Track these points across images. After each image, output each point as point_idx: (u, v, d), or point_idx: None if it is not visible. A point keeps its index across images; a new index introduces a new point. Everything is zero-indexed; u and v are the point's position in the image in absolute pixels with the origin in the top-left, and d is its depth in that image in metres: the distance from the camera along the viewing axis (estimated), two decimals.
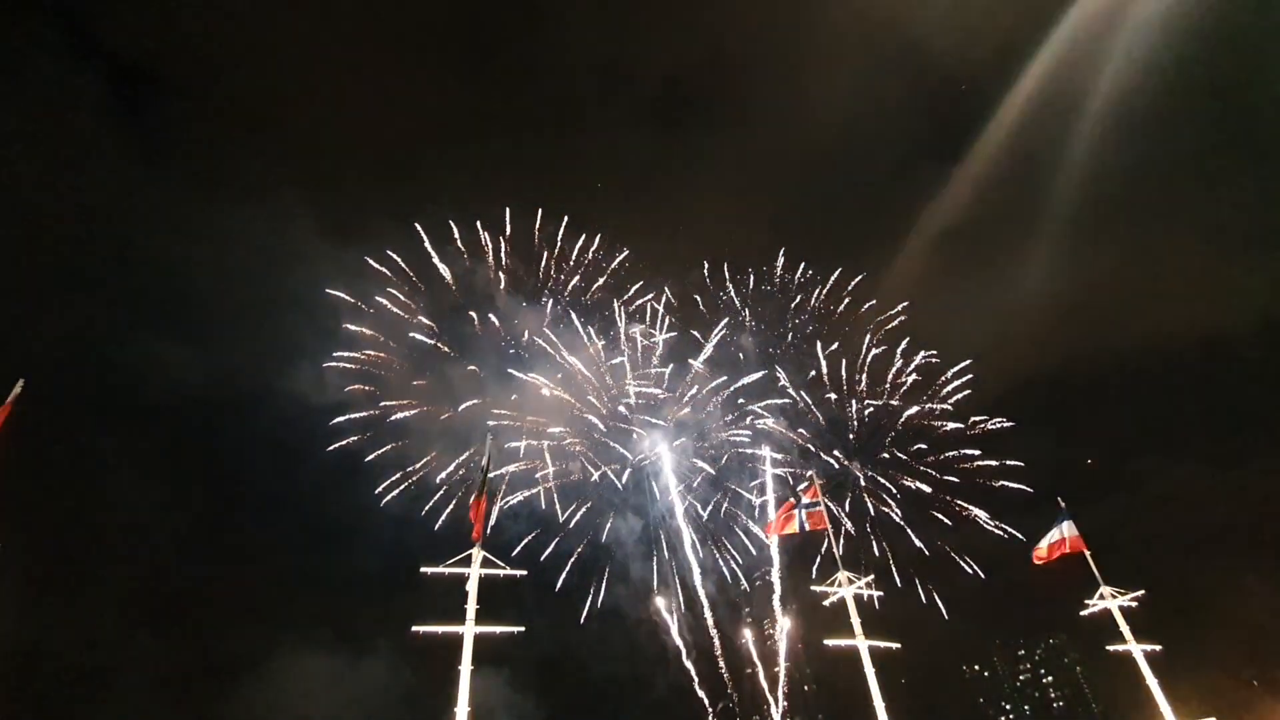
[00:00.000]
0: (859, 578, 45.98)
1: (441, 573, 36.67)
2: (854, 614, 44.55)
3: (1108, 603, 48.74)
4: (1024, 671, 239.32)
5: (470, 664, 33.78)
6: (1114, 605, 48.50)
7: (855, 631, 43.80)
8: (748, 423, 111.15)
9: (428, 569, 36.56)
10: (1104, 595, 49.00)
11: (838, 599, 45.70)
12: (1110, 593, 48.92)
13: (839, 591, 45.76)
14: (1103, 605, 48.94)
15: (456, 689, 32.82)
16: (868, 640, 43.52)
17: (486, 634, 35.39)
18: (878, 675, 42.25)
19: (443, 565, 36.65)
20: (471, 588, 35.94)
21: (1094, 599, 49.40)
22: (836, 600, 45.80)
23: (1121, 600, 48.55)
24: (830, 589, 46.15)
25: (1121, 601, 48.52)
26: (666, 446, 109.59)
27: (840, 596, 45.40)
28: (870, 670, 42.67)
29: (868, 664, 42.85)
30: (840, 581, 45.75)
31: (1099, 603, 49.13)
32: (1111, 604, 48.61)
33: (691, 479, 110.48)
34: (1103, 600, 48.98)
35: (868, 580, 45.65)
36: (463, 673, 33.38)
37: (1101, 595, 49.06)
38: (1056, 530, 50.63)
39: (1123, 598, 48.65)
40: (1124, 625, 47.88)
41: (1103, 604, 48.92)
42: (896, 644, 45.80)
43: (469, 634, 34.57)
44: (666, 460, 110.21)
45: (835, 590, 45.84)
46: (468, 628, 34.78)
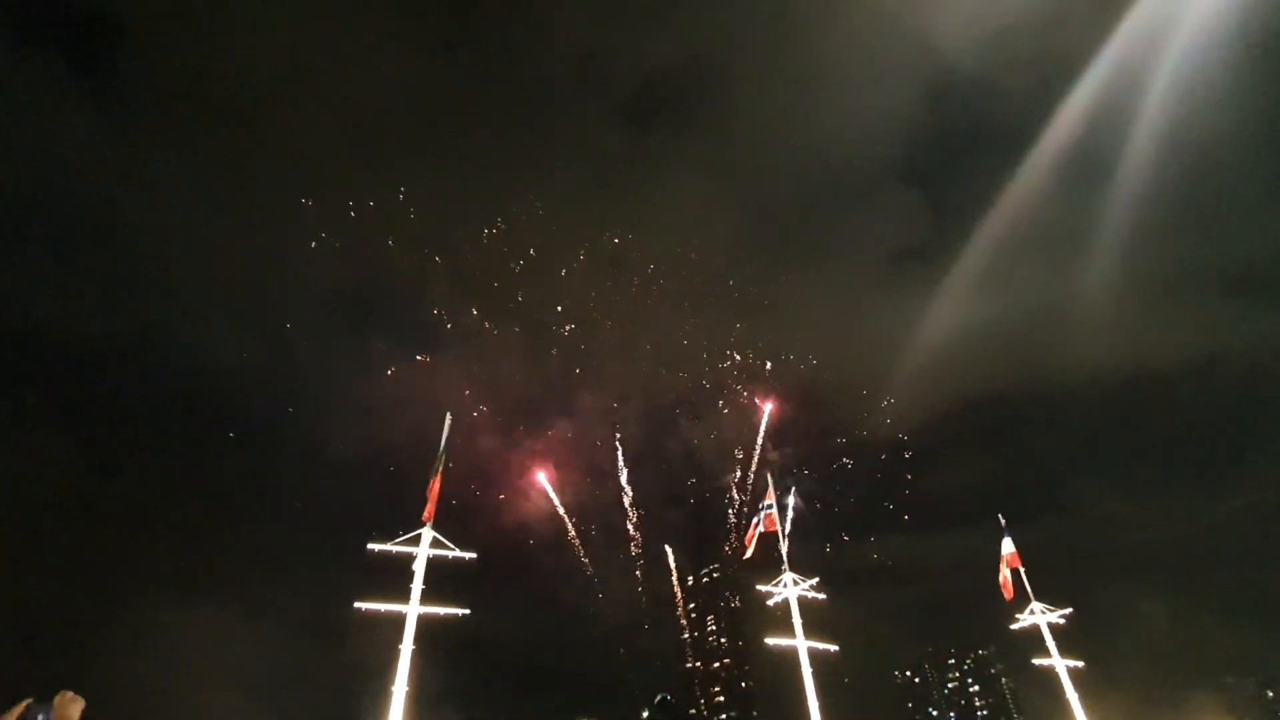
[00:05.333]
0: (804, 580, 46.83)
1: (389, 550, 36.07)
2: (796, 615, 45.41)
3: (1037, 618, 50.54)
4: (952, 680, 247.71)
5: (412, 644, 33.37)
6: (1043, 621, 50.33)
7: (796, 632, 44.64)
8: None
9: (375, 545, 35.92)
10: (1034, 611, 50.79)
11: (782, 599, 46.51)
12: (1040, 609, 50.73)
13: (783, 592, 46.56)
14: (1032, 620, 50.74)
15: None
16: (808, 641, 44.44)
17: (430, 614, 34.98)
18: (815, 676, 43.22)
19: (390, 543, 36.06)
20: (419, 567, 35.41)
21: (1025, 614, 51.18)
22: (781, 600, 46.61)
23: (1050, 616, 50.41)
24: (775, 589, 46.93)
25: (1050, 617, 50.37)
26: None
27: (785, 597, 46.21)
28: (807, 670, 43.61)
29: (805, 664, 43.78)
30: (786, 582, 46.54)
31: (1029, 618, 50.91)
32: (1040, 619, 50.44)
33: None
34: (1033, 616, 50.77)
35: (812, 583, 46.52)
36: (403, 652, 32.92)
37: (1032, 611, 50.84)
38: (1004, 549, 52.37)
39: (1052, 614, 50.51)
40: (1050, 641, 49.74)
41: (1032, 619, 50.71)
42: (835, 646, 46.85)
43: (412, 613, 34.10)
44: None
45: (780, 590, 46.63)
46: (411, 607, 34.31)
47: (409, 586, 35.33)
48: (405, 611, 34.25)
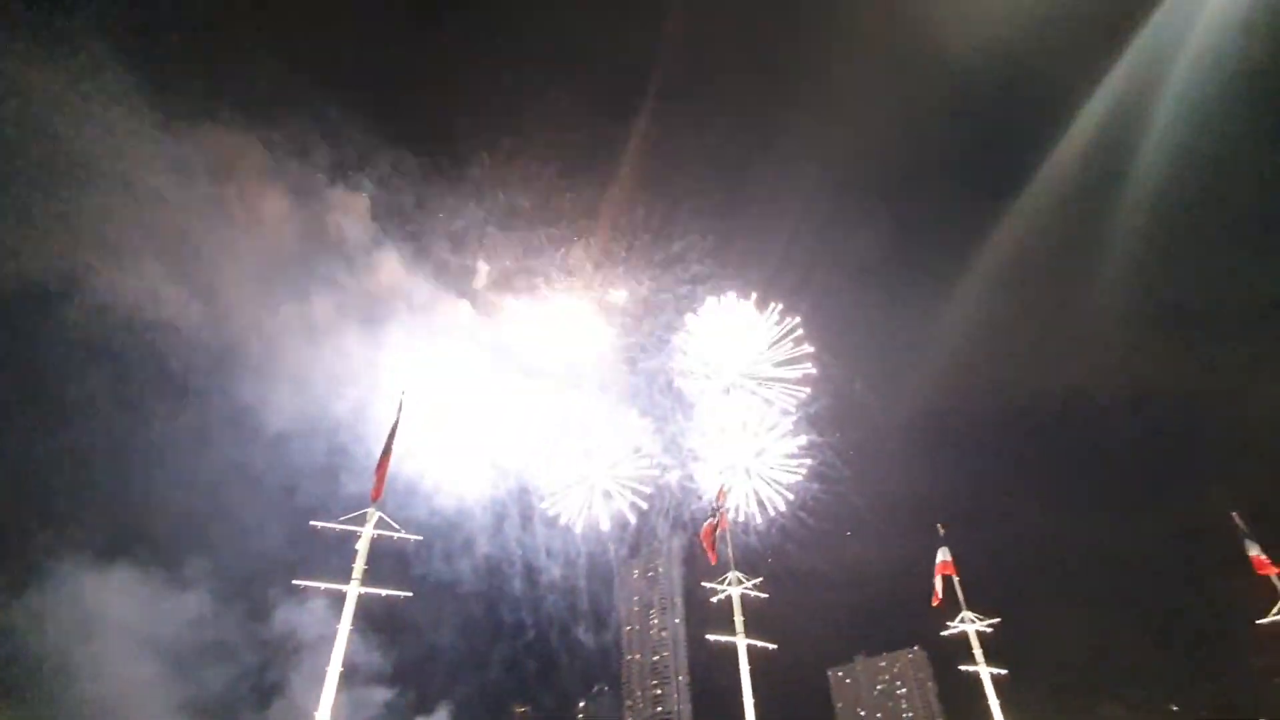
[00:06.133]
0: (748, 578, 47.68)
1: (332, 528, 35.34)
2: (738, 612, 46.22)
3: (967, 626, 52.55)
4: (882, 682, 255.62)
5: (350, 623, 32.76)
6: (971, 629, 52.37)
7: (737, 629, 45.44)
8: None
9: (318, 523, 35.14)
10: (965, 619, 52.78)
11: (725, 596, 47.28)
12: (971, 617, 52.76)
13: (727, 590, 47.33)
14: (962, 628, 52.73)
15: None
16: (747, 639, 45.28)
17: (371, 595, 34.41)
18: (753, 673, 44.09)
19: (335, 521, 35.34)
20: (362, 547, 34.77)
21: (956, 621, 53.15)
22: (724, 597, 47.37)
23: (979, 625, 52.48)
24: (719, 586, 47.66)
25: (979, 626, 52.44)
26: None
27: (728, 594, 46.98)
28: (745, 666, 44.44)
29: (744, 660, 44.60)
30: (730, 580, 47.30)
31: (959, 625, 52.91)
32: (969, 627, 52.48)
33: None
34: (963, 623, 52.76)
35: (756, 581, 47.40)
36: (340, 631, 32.30)
37: (963, 619, 52.83)
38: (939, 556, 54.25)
39: (980, 623, 52.60)
40: (977, 648, 51.79)
41: (962, 626, 52.71)
42: (774, 645, 47.83)
43: (353, 593, 33.47)
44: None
45: (724, 588, 47.37)
46: (352, 587, 33.68)
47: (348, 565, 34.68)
48: (345, 591, 33.63)
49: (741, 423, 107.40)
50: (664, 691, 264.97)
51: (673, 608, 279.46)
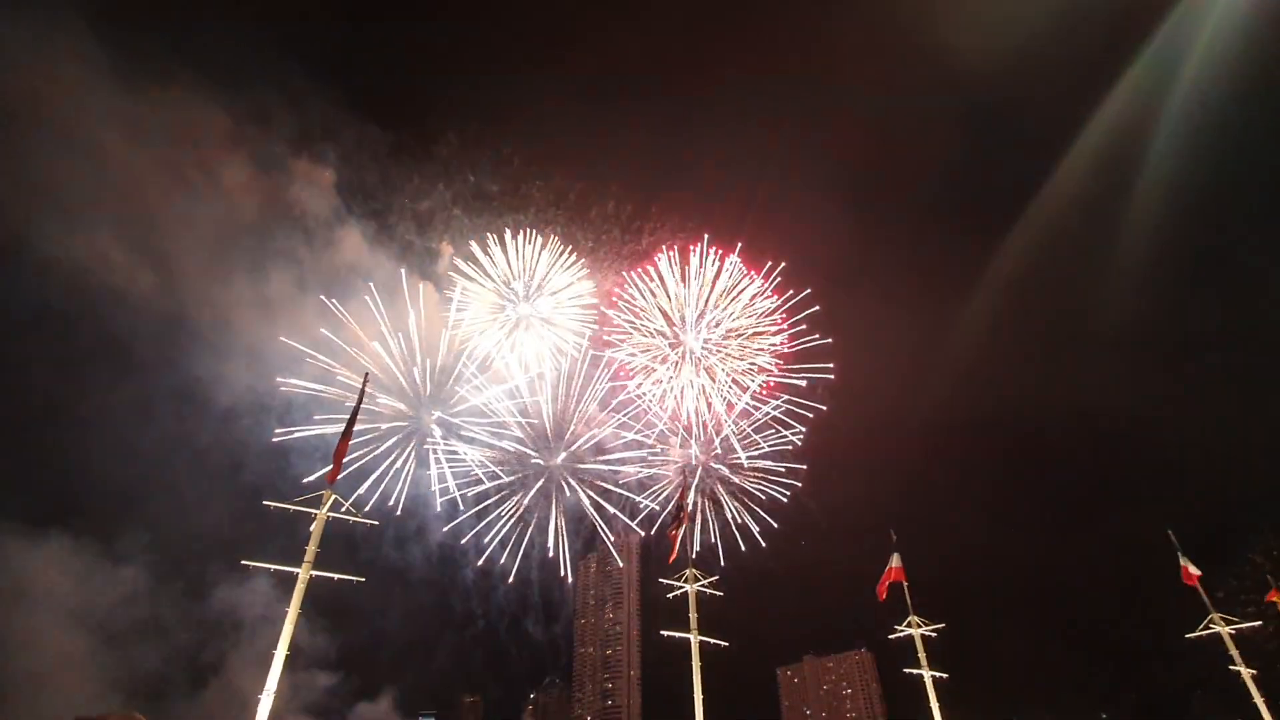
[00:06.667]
0: (704, 576, 48.12)
1: (285, 509, 34.52)
2: (693, 608, 46.61)
3: (913, 630, 53.99)
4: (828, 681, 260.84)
5: (299, 607, 32.10)
6: (917, 633, 53.84)
7: (691, 625, 45.83)
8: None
9: (271, 503, 34.31)
10: (912, 623, 54.22)
11: (681, 593, 47.62)
12: (917, 621, 54.23)
13: (684, 586, 47.68)
14: (909, 632, 54.16)
15: None
16: (701, 636, 45.71)
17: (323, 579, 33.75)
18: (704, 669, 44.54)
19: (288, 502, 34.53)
20: (315, 529, 34.04)
21: (903, 625, 54.57)
22: (679, 594, 47.71)
23: (924, 630, 53.98)
24: (676, 583, 47.99)
25: (924, 630, 53.94)
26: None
27: (683, 591, 47.33)
28: (697, 662, 44.85)
29: (695, 657, 45.01)
30: (687, 577, 47.66)
31: (906, 629, 54.33)
32: (915, 632, 53.94)
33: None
34: (910, 628, 54.18)
35: (712, 579, 47.87)
36: (289, 613, 31.60)
37: (910, 623, 54.26)
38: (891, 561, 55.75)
39: (925, 628, 54.12)
40: (922, 652, 53.29)
41: (909, 631, 54.14)
42: (725, 642, 48.38)
43: (304, 576, 32.79)
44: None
45: (681, 585, 47.71)
46: (303, 570, 32.98)
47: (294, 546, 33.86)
48: (296, 573, 32.91)
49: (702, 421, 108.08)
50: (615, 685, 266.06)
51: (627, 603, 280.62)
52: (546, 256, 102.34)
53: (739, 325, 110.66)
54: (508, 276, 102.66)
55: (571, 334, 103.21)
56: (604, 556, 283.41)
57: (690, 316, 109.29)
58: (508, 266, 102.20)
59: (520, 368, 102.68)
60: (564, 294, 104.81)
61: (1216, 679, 58.96)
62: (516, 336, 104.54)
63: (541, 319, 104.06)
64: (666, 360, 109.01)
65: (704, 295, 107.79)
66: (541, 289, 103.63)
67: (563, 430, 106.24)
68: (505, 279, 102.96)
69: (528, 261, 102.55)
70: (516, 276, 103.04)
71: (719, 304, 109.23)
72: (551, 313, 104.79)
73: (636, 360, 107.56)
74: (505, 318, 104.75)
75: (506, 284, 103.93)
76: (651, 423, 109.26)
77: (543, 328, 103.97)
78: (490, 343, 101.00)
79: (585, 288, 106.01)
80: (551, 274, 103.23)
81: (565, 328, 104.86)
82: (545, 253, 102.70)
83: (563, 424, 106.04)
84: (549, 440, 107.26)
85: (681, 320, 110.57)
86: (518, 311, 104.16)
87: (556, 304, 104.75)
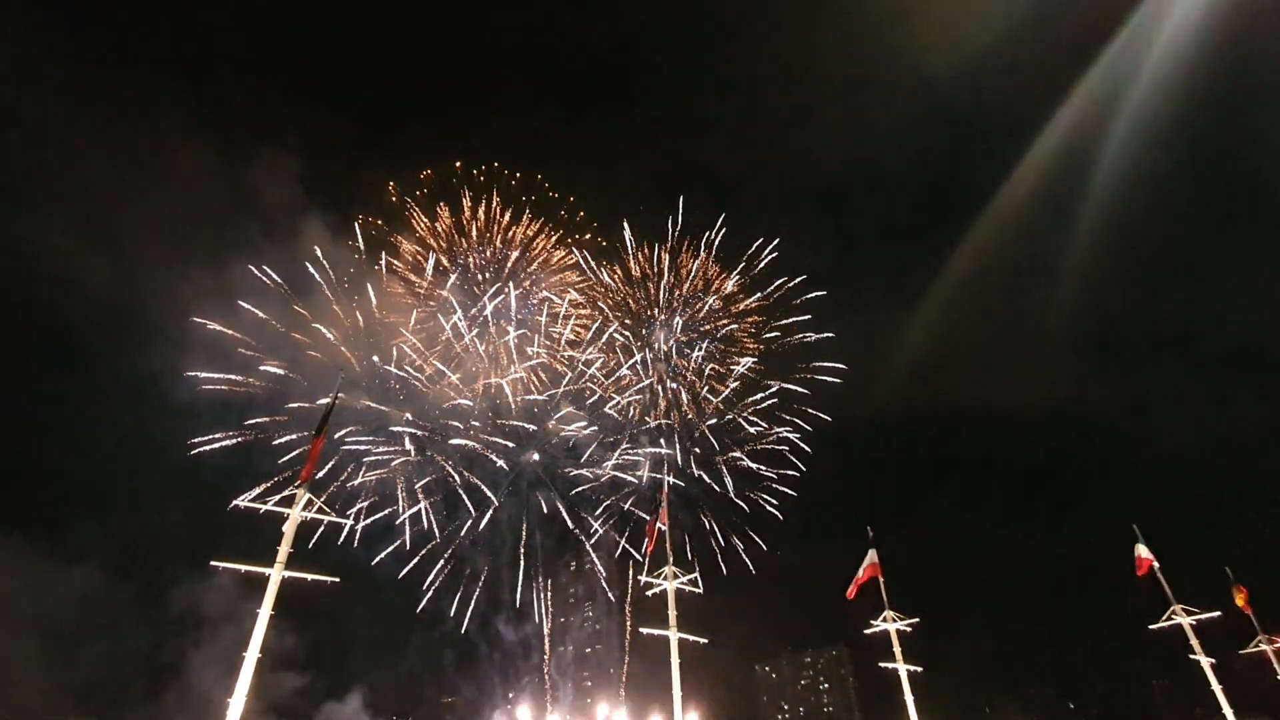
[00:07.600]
0: (684, 573, 48.19)
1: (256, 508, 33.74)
2: (672, 606, 46.67)
3: (889, 625, 54.61)
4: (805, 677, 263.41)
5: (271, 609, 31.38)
6: (893, 628, 54.46)
7: (670, 622, 45.88)
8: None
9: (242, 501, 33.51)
10: (887, 618, 54.84)
11: (660, 590, 47.65)
12: (892, 616, 54.86)
13: (662, 584, 47.71)
14: (884, 627, 54.78)
15: None
16: (680, 633, 45.79)
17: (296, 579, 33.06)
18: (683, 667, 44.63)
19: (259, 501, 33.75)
20: (289, 528, 33.27)
21: (878, 620, 55.18)
22: (659, 591, 47.74)
23: (900, 624, 54.62)
24: (655, 580, 48.00)
25: (899, 625, 54.57)
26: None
27: (663, 588, 47.36)
28: (675, 660, 44.93)
29: (674, 654, 45.08)
30: (666, 575, 47.70)
31: (881, 624, 54.94)
32: (891, 626, 54.56)
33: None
34: (885, 623, 54.81)
35: (692, 576, 47.95)
36: (261, 615, 30.85)
37: (885, 618, 54.88)
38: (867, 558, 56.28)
39: (901, 622, 54.76)
40: (897, 646, 53.91)
41: (885, 626, 54.75)
42: (705, 639, 48.59)
43: (275, 576, 32.04)
44: None
45: (660, 582, 47.73)
46: (275, 570, 32.24)
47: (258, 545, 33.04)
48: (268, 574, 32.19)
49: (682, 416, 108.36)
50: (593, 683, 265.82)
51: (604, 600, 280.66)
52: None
53: (711, 324, 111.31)
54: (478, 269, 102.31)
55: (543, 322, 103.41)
56: (581, 554, 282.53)
57: (659, 315, 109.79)
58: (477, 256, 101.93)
59: (489, 362, 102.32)
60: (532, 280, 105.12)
61: (1179, 669, 60.71)
62: (484, 328, 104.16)
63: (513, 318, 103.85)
64: (640, 350, 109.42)
65: (674, 292, 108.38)
66: (514, 274, 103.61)
67: (537, 422, 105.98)
68: (476, 272, 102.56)
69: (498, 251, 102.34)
70: (489, 265, 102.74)
71: (690, 301, 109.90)
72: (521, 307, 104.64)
73: (606, 361, 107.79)
74: (476, 312, 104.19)
75: (478, 278, 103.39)
76: (631, 418, 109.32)
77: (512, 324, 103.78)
78: (458, 335, 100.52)
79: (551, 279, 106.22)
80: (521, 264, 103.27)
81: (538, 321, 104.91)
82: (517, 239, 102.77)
83: (538, 417, 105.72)
84: (521, 439, 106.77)
85: (651, 317, 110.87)
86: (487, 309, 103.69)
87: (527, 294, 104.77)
